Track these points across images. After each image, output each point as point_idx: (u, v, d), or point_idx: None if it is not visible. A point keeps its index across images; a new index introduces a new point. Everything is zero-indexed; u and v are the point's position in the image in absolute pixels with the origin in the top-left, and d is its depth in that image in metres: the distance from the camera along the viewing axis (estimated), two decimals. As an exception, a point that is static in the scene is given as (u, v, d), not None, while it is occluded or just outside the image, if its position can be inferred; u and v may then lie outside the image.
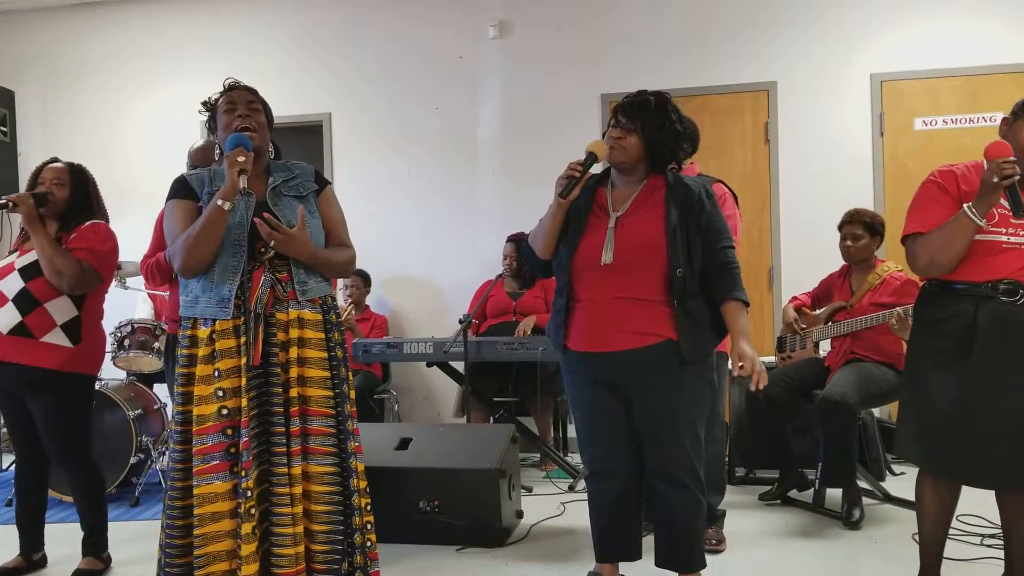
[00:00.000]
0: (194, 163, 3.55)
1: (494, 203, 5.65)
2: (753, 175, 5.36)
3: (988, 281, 2.45)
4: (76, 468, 3.19)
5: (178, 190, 2.46)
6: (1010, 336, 2.44)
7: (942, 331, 2.51)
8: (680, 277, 2.50)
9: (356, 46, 5.85)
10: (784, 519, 3.77)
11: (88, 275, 3.10)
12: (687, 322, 2.51)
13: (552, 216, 2.63)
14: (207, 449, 2.27)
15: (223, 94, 2.51)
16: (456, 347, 4.25)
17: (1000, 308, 2.44)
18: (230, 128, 2.43)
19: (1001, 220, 2.46)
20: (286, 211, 2.40)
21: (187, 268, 2.33)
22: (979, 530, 3.40)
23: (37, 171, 3.26)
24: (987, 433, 2.44)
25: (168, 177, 2.48)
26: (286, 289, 2.36)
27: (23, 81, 6.12)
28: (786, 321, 4.13)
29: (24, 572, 3.25)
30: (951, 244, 2.44)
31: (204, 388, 2.29)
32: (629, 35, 5.44)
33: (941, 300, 2.54)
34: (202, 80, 5.80)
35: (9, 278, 3.12)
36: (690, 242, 2.53)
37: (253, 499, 2.24)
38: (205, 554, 2.25)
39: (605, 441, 2.68)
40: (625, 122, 2.62)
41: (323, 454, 2.35)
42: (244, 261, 2.33)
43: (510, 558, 3.33)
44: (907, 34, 5.17)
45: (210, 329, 2.31)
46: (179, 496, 2.33)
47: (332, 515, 2.35)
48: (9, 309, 3.07)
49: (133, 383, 4.69)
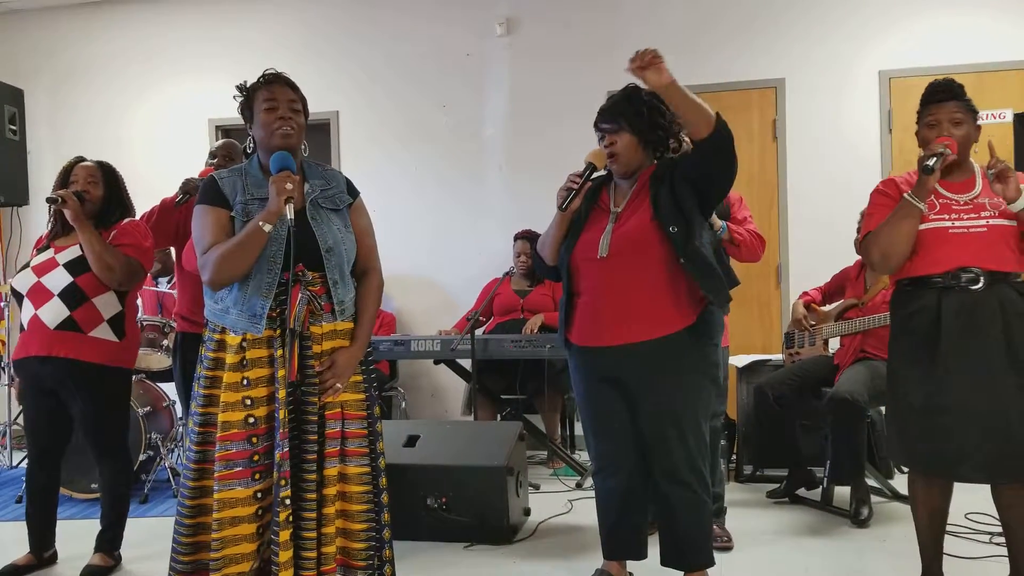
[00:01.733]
0: (214, 156, 3.54)
1: (501, 200, 5.65)
2: (761, 172, 5.35)
3: (948, 271, 2.48)
4: (112, 462, 3.22)
5: (210, 196, 2.37)
6: (974, 326, 2.47)
7: (910, 328, 2.56)
8: (677, 233, 2.49)
9: (363, 44, 5.85)
10: (792, 517, 3.77)
11: (135, 270, 3.17)
12: (697, 269, 2.49)
13: (557, 226, 2.69)
14: (231, 455, 2.26)
15: (261, 85, 2.42)
16: (463, 345, 4.26)
17: (963, 297, 2.47)
18: (268, 128, 2.36)
19: (943, 208, 2.52)
20: (323, 226, 2.37)
21: (217, 283, 2.29)
22: (987, 528, 3.39)
23: (67, 170, 3.27)
24: (963, 426, 2.45)
25: (176, 175, 2.48)
26: (321, 303, 2.35)
27: (32, 80, 6.14)
28: (795, 317, 4.12)
29: (35, 569, 3.27)
30: (897, 232, 2.50)
31: (232, 395, 2.27)
32: (636, 32, 5.42)
33: (908, 297, 2.58)
34: (210, 78, 5.90)
35: (53, 273, 3.14)
36: (678, 201, 2.51)
37: (290, 508, 2.26)
38: (222, 556, 2.26)
39: (610, 437, 2.69)
40: (608, 127, 2.65)
41: (359, 455, 2.38)
42: (279, 277, 2.29)
43: (517, 555, 3.34)
44: (915, 31, 5.14)
45: (240, 337, 2.29)
46: (191, 496, 2.34)
47: (369, 513, 2.39)
48: (56, 304, 3.09)
49: (142, 380, 4.70)
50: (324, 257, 2.34)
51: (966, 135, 2.56)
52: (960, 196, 2.55)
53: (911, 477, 2.67)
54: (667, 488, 2.61)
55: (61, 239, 3.24)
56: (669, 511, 2.63)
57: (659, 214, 2.52)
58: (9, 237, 6.05)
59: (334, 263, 2.36)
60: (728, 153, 2.46)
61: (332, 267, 2.35)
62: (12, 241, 5.99)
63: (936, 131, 2.55)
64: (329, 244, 2.35)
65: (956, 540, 2.87)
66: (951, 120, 2.55)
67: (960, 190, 2.56)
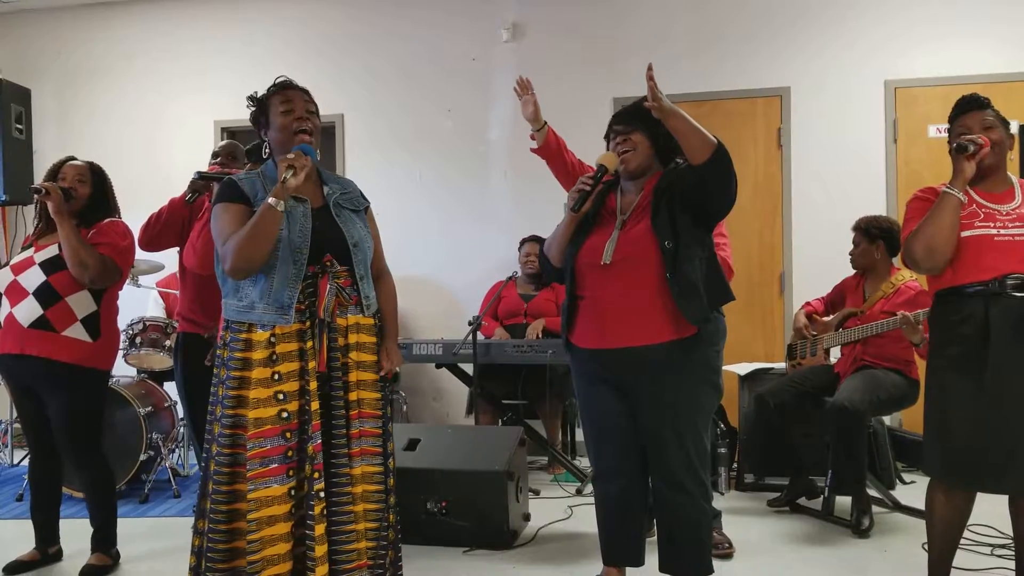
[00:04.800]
0: (217, 156, 3.54)
1: (505, 204, 5.66)
2: (765, 180, 5.35)
3: (995, 278, 2.46)
4: (86, 464, 3.21)
5: (229, 194, 2.39)
6: (1023, 333, 2.43)
7: (957, 335, 2.51)
8: (670, 248, 2.50)
9: (369, 47, 5.86)
10: (793, 526, 3.76)
11: (110, 269, 3.16)
12: (680, 289, 2.49)
13: (565, 228, 2.69)
14: (266, 452, 2.25)
15: (275, 91, 2.46)
16: (465, 349, 4.26)
17: (1011, 304, 2.44)
18: (286, 130, 2.40)
19: (987, 217, 2.51)
20: (348, 224, 2.43)
21: (238, 269, 2.29)
22: (990, 540, 3.38)
23: (55, 168, 3.29)
24: (1009, 437, 2.42)
25: (180, 175, 2.49)
26: (348, 295, 2.37)
27: (39, 79, 6.16)
28: (796, 327, 4.12)
29: (40, 565, 3.28)
30: (939, 223, 2.49)
31: (263, 391, 2.26)
32: (642, 39, 5.44)
33: (953, 304, 2.54)
34: (216, 81, 5.92)
35: (29, 272, 3.15)
36: (674, 215, 2.52)
37: (324, 501, 2.25)
38: (261, 558, 2.23)
39: (610, 441, 2.69)
40: (622, 128, 2.68)
41: (372, 454, 2.39)
42: (304, 270, 2.31)
43: (517, 561, 3.33)
44: (922, 41, 5.14)
45: (270, 332, 2.29)
46: (224, 500, 2.30)
47: (380, 512, 2.40)
48: (30, 302, 3.11)
49: (144, 380, 4.72)
50: (352, 251, 2.39)
51: (1000, 139, 2.57)
52: (1003, 206, 2.54)
53: (932, 486, 2.62)
54: (667, 494, 2.60)
55: (45, 237, 3.25)
56: (668, 517, 2.63)
57: (656, 227, 2.53)
58: (14, 235, 6.07)
59: (360, 258, 2.42)
60: (727, 178, 2.47)
61: (359, 261, 2.41)
62: (17, 240, 6.01)
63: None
64: (356, 239, 2.42)
65: (958, 551, 2.84)
66: (983, 125, 2.57)
67: (1001, 200, 2.56)
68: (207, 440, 2.40)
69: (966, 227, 2.49)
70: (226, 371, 2.33)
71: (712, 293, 2.57)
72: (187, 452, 4.93)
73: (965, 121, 2.59)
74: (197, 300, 3.35)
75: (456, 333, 5.06)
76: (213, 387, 2.39)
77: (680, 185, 2.55)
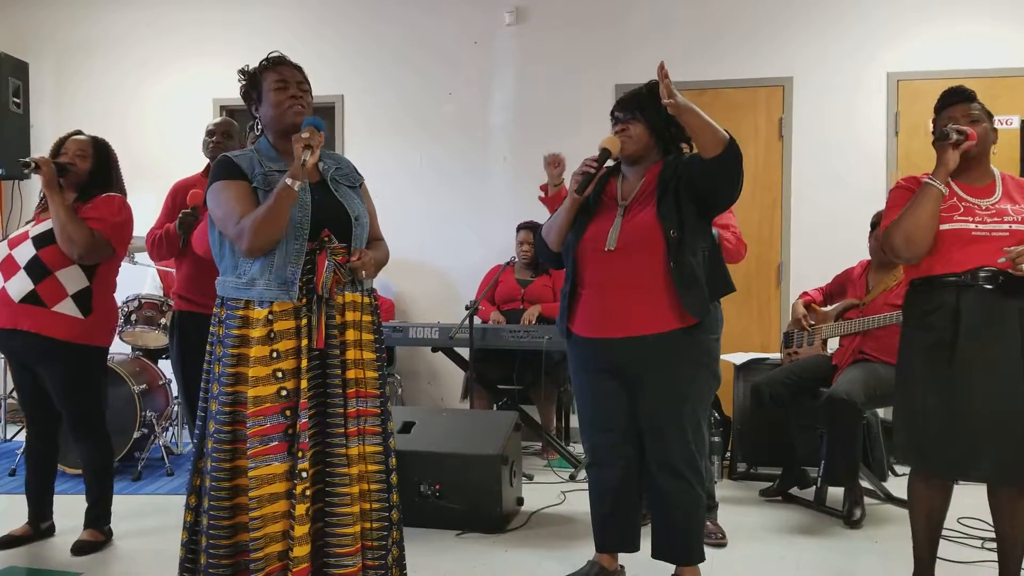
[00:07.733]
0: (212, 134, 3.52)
1: (504, 190, 5.64)
2: (766, 171, 5.33)
3: (968, 270, 2.50)
4: (86, 439, 3.21)
5: (227, 171, 2.35)
6: (992, 323, 2.48)
7: (928, 325, 2.56)
8: (675, 238, 2.51)
9: (370, 29, 5.83)
10: (785, 516, 3.77)
11: (99, 245, 3.12)
12: (682, 279, 2.51)
13: (567, 211, 2.68)
14: (266, 430, 2.24)
15: (268, 67, 2.43)
16: (462, 333, 4.25)
17: (982, 295, 2.48)
18: (280, 107, 2.37)
19: (967, 211, 2.55)
20: (347, 199, 2.41)
21: (255, 248, 2.26)
22: (979, 533, 3.40)
23: (60, 142, 3.27)
24: (979, 425, 2.46)
25: (180, 153, 2.47)
26: (346, 272, 2.35)
27: (38, 54, 6.11)
28: (795, 317, 4.11)
29: (32, 540, 3.28)
30: (919, 214, 2.51)
31: (262, 369, 2.25)
32: (645, 26, 5.42)
33: (926, 294, 2.59)
34: (215, 58, 5.88)
35: (23, 246, 3.14)
36: (680, 204, 2.53)
37: (308, 480, 2.24)
38: (263, 535, 2.23)
39: (607, 428, 2.69)
40: (623, 115, 2.68)
41: (373, 434, 2.38)
42: (305, 245, 2.30)
43: (509, 544, 3.34)
44: (926, 34, 5.13)
45: (267, 310, 2.27)
46: (226, 477, 2.29)
47: (382, 493, 2.38)
48: (21, 277, 3.09)
49: (138, 358, 4.71)
50: (353, 224, 2.38)
51: (985, 131, 2.59)
52: (983, 201, 2.57)
53: (912, 476, 2.67)
54: (662, 481, 2.61)
55: (45, 213, 3.22)
56: (663, 504, 2.64)
57: (662, 214, 2.53)
58: (10, 210, 6.04)
59: (359, 232, 2.40)
60: (736, 173, 2.49)
61: (358, 236, 2.40)
62: (13, 214, 5.98)
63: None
64: (357, 213, 2.40)
65: (948, 544, 2.88)
66: (967, 117, 2.59)
67: (982, 195, 2.59)
68: (199, 416, 2.39)
69: (945, 220, 2.53)
70: (222, 348, 2.32)
71: (713, 285, 2.57)
72: (181, 430, 4.93)
73: (951, 113, 2.62)
74: (193, 279, 3.33)
75: (453, 317, 5.06)
76: (207, 363, 2.38)
77: (687, 174, 2.54)
